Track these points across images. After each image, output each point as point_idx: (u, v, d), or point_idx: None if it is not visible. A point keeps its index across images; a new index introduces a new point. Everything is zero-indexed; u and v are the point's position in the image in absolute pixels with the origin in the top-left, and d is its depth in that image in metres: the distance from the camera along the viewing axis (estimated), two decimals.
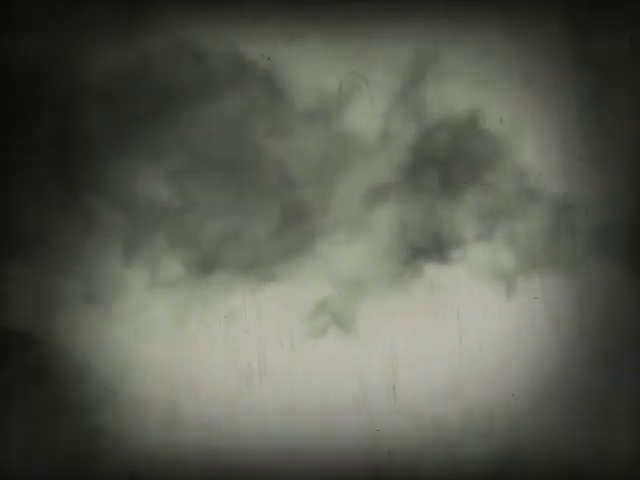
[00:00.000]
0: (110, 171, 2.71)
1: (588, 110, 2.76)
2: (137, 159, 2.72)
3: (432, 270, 2.79)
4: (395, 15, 2.79)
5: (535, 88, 2.76)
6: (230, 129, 2.76)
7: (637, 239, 2.75)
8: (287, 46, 2.76)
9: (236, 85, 2.76)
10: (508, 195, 2.79)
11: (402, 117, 2.79)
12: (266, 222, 2.77)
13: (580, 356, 2.77)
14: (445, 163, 2.79)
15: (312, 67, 2.78)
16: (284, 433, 2.73)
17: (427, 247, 2.79)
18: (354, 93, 2.78)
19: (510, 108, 2.79)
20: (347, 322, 2.78)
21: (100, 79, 2.72)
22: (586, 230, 2.79)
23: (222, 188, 2.77)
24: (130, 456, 2.72)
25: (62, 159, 2.69)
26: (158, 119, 2.73)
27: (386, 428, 2.75)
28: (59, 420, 2.71)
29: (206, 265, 2.75)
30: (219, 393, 2.70)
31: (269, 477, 2.75)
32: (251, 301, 2.76)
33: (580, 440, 2.76)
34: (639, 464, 2.75)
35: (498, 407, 2.77)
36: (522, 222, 2.79)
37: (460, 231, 2.79)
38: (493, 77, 2.79)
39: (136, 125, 2.72)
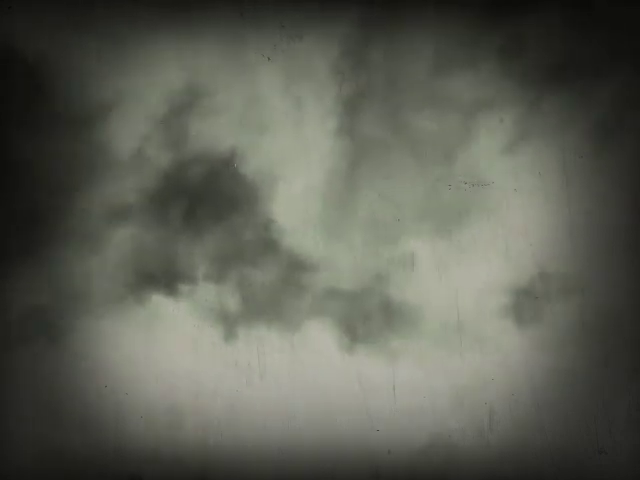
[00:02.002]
0: None
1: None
2: None
3: (157, 300, 2.76)
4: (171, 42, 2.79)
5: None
6: None
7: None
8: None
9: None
10: (247, 242, 2.80)
11: (161, 143, 2.77)
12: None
13: (580, 356, 2.77)
14: (194, 198, 2.78)
15: (84, 72, 2.74)
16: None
17: (158, 277, 2.76)
18: (121, 109, 2.75)
19: (274, 154, 2.81)
20: (59, 332, 2.72)
21: None
22: (313, 291, 2.81)
23: None
24: (130, 456, 2.69)
25: None
26: None
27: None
28: (59, 419, 2.67)
29: None
30: None
31: (269, 477, 2.72)
32: None
33: (580, 440, 2.75)
34: (639, 464, 2.74)
35: (498, 407, 2.76)
36: (255, 271, 2.79)
37: (193, 268, 2.78)
38: (262, 119, 2.81)
39: None
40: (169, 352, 2.76)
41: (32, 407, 2.67)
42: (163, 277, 2.76)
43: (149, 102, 2.77)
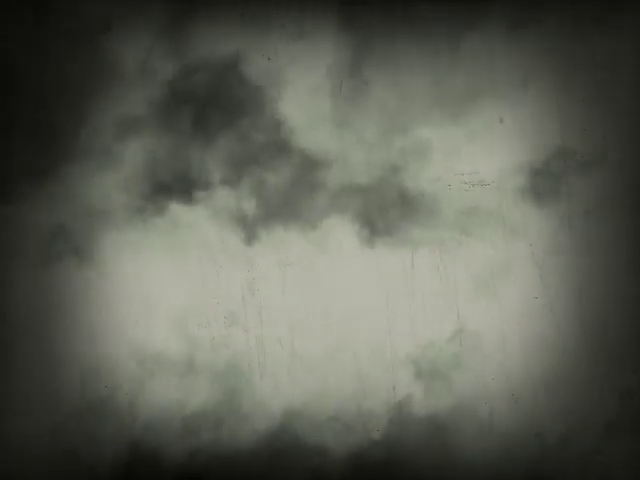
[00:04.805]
0: None
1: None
2: None
3: (175, 208, 2.79)
4: None
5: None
6: None
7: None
8: None
9: None
10: (259, 145, 2.80)
11: (163, 52, 2.77)
12: (11, 141, 2.73)
13: (580, 356, 2.79)
14: (202, 104, 2.79)
15: None
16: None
17: (173, 185, 2.79)
18: (122, 22, 2.75)
19: (278, 53, 2.79)
20: (84, 251, 2.77)
21: None
22: (328, 188, 2.81)
23: None
24: (130, 456, 2.73)
25: None
26: None
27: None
28: (58, 418, 2.71)
29: None
30: None
31: (269, 477, 2.76)
32: None
33: (579, 440, 2.78)
34: (638, 463, 2.77)
35: (498, 406, 2.79)
36: (269, 173, 2.80)
37: (208, 174, 2.79)
38: (255, 22, 2.79)
39: None
40: (192, 259, 2.79)
41: (32, 405, 2.72)
42: (179, 186, 2.79)
43: (149, 13, 2.77)
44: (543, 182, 2.80)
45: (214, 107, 2.78)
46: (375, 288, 2.80)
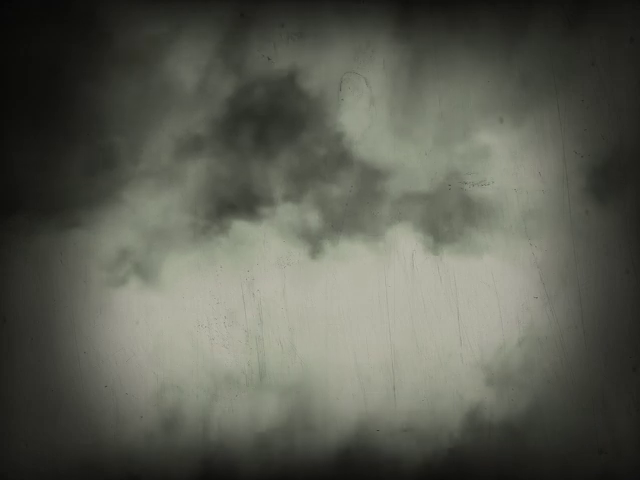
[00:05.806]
0: None
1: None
2: None
3: (239, 226, 2.77)
4: None
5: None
6: (43, 70, 2.69)
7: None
8: None
9: (51, 24, 2.68)
10: (320, 158, 2.80)
11: (221, 71, 2.76)
12: (73, 166, 2.70)
13: (580, 356, 2.79)
14: (261, 120, 2.78)
15: (137, 13, 2.72)
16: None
17: (236, 203, 2.78)
18: (177, 43, 2.74)
19: (334, 66, 2.79)
20: (149, 273, 2.75)
21: None
22: (391, 198, 2.81)
23: (30, 127, 2.69)
24: (130, 456, 2.70)
25: None
26: None
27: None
28: (58, 419, 2.68)
29: (6, 206, 2.68)
30: None
31: (269, 478, 2.75)
32: (53, 245, 2.70)
33: (580, 440, 2.78)
34: (639, 464, 2.78)
35: (498, 407, 2.79)
36: (331, 186, 2.80)
37: (270, 190, 2.78)
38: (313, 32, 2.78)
39: None
40: (259, 274, 2.78)
41: (32, 406, 2.70)
42: (242, 203, 2.78)
43: (204, 33, 2.75)
44: (605, 182, 2.82)
45: (273, 122, 2.77)
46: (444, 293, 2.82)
